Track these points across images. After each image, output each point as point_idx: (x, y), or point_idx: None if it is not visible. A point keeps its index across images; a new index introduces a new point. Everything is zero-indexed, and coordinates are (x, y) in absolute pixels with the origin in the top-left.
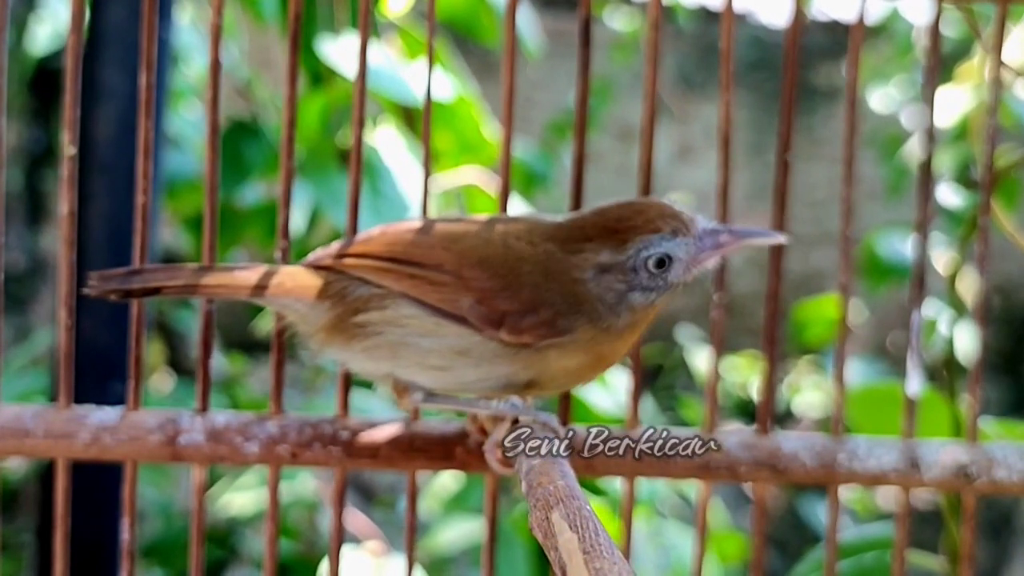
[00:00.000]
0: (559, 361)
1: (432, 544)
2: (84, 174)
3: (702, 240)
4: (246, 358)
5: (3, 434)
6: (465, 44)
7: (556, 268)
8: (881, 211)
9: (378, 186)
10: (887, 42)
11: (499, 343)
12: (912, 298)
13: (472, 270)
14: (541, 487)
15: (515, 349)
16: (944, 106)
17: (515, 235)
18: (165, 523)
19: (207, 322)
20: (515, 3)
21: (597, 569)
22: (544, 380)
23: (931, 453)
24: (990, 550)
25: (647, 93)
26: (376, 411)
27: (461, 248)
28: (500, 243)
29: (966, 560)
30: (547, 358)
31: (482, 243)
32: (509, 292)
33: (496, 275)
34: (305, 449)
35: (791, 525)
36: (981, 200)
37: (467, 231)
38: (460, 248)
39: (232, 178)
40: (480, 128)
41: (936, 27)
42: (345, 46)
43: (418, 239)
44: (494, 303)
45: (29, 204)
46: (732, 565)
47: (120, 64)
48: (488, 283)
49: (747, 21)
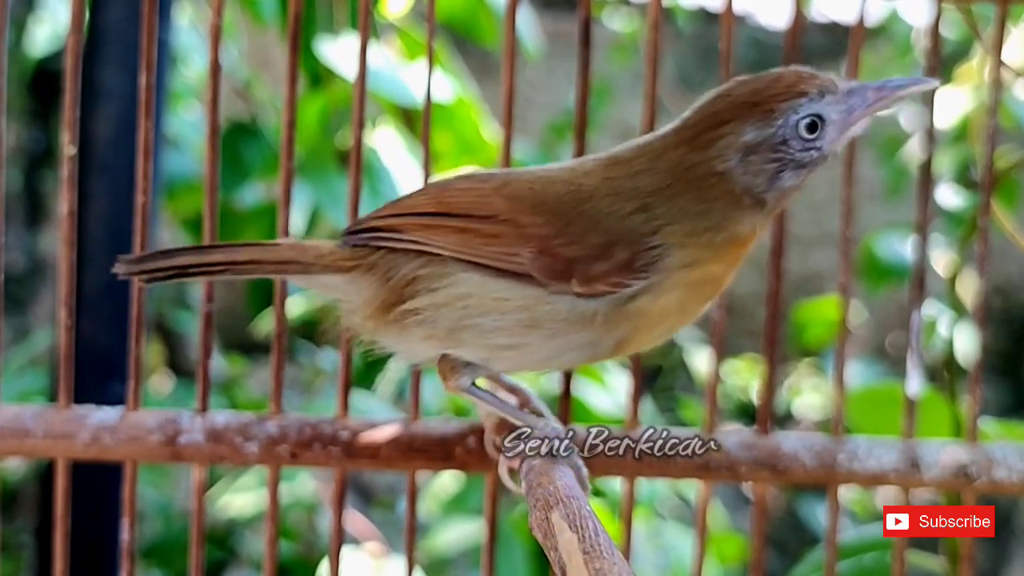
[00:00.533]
0: (650, 308)
1: (432, 545)
2: (83, 174)
3: (850, 98)
4: (245, 359)
5: (3, 434)
6: (464, 45)
7: (686, 175)
8: (881, 212)
9: (377, 187)
10: (887, 43)
11: (571, 302)
12: (912, 299)
13: (528, 215)
14: (541, 487)
15: (593, 309)
16: (944, 107)
17: (585, 171)
18: (165, 524)
19: (207, 322)
20: (515, 3)
21: (597, 569)
22: (637, 336)
23: (931, 453)
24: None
25: (647, 94)
26: (376, 411)
27: (513, 191)
28: (562, 180)
29: (966, 560)
30: (635, 310)
31: (538, 183)
32: (572, 235)
33: (556, 217)
34: (305, 449)
35: (790, 526)
36: (981, 201)
37: (523, 174)
38: (512, 191)
39: (231, 179)
40: (479, 129)
41: (936, 27)
42: (344, 47)
43: (469, 186)
44: (557, 251)
45: (28, 205)
46: (731, 566)
47: (119, 64)
48: (546, 228)
49: (746, 22)
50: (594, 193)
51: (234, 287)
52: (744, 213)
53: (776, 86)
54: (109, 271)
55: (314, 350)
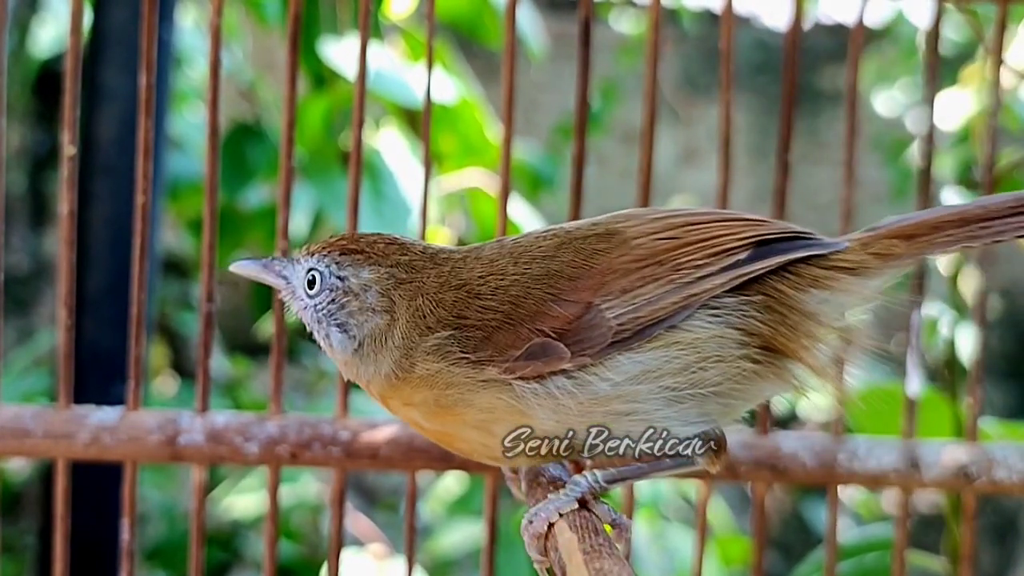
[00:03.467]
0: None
1: (435, 546)
2: (86, 175)
3: None
4: (249, 361)
5: (3, 434)
6: (469, 47)
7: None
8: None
9: (380, 188)
10: (892, 45)
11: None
12: (912, 299)
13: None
14: (541, 487)
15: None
16: (949, 109)
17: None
18: (169, 525)
19: (206, 322)
20: (514, 2)
21: (597, 569)
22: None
23: (931, 453)
24: (995, 553)
25: (647, 94)
26: (373, 412)
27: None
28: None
29: (966, 560)
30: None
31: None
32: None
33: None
34: (305, 449)
35: (795, 528)
36: None
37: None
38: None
39: (235, 180)
40: (484, 130)
41: (936, 27)
42: (348, 48)
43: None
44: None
45: (33, 206)
46: (736, 568)
47: (122, 66)
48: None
49: (752, 24)
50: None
51: (238, 289)
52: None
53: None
54: (112, 272)
55: (317, 352)
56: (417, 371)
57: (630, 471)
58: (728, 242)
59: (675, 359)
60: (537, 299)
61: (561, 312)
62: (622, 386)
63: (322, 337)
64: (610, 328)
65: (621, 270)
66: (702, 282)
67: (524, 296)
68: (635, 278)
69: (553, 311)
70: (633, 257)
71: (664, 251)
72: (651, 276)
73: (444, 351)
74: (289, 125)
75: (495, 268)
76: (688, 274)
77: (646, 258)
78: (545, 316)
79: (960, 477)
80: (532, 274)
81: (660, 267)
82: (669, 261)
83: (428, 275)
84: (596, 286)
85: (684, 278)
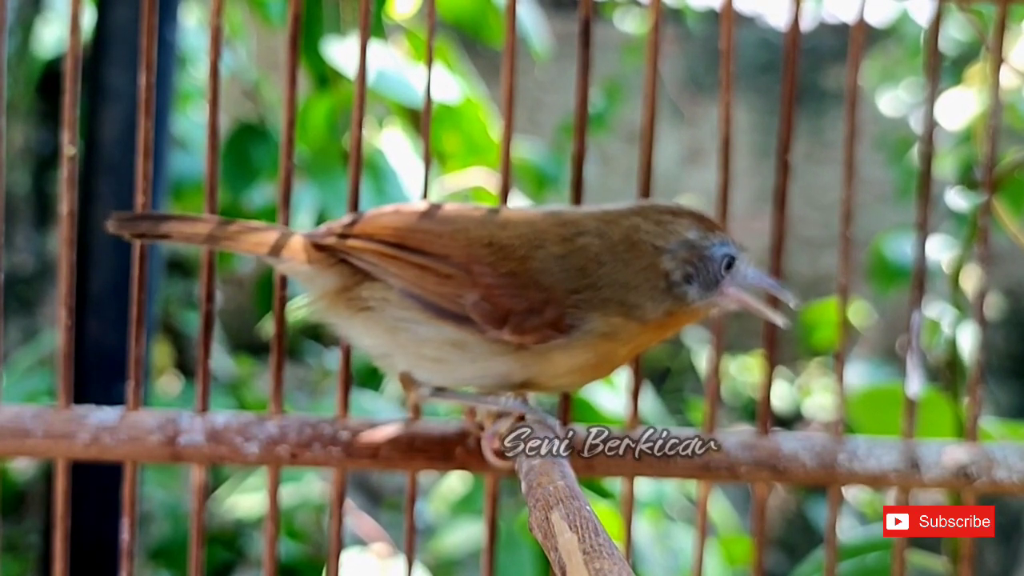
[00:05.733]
0: (561, 360)
1: (439, 546)
2: (90, 175)
3: (747, 268)
4: (253, 360)
5: (3, 434)
6: (473, 46)
7: (629, 246)
8: (890, 214)
9: (383, 188)
10: (897, 44)
11: (500, 341)
12: (912, 299)
13: (480, 263)
14: (541, 487)
15: (516, 347)
16: (953, 108)
17: (541, 228)
18: (173, 525)
19: (207, 321)
20: (514, 1)
21: (597, 569)
22: (542, 380)
23: (931, 453)
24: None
25: (647, 94)
26: (382, 412)
27: (471, 238)
28: (519, 234)
29: (967, 560)
30: (549, 358)
31: (497, 233)
32: (517, 289)
33: (505, 269)
34: (305, 449)
35: (800, 528)
36: (982, 201)
37: (480, 220)
38: (470, 238)
39: (239, 180)
40: (487, 130)
41: (936, 27)
42: (351, 48)
43: (429, 226)
44: (498, 300)
45: (37, 206)
46: (740, 568)
47: (126, 65)
48: (494, 278)
49: (756, 24)
50: (543, 250)
51: (243, 288)
52: (658, 298)
53: (720, 222)
54: (115, 272)
55: (321, 351)
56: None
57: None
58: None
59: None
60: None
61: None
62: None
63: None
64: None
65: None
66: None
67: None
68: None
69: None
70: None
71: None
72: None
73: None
74: (289, 125)
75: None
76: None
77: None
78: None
79: (960, 477)
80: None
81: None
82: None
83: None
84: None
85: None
